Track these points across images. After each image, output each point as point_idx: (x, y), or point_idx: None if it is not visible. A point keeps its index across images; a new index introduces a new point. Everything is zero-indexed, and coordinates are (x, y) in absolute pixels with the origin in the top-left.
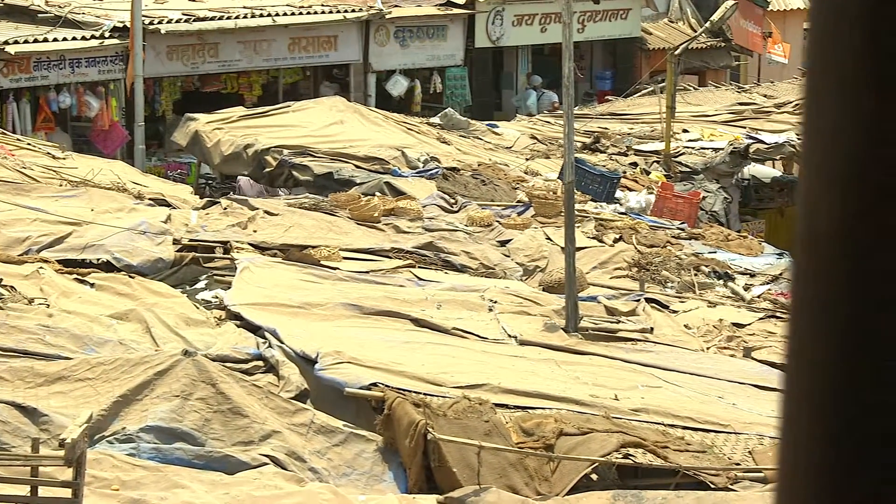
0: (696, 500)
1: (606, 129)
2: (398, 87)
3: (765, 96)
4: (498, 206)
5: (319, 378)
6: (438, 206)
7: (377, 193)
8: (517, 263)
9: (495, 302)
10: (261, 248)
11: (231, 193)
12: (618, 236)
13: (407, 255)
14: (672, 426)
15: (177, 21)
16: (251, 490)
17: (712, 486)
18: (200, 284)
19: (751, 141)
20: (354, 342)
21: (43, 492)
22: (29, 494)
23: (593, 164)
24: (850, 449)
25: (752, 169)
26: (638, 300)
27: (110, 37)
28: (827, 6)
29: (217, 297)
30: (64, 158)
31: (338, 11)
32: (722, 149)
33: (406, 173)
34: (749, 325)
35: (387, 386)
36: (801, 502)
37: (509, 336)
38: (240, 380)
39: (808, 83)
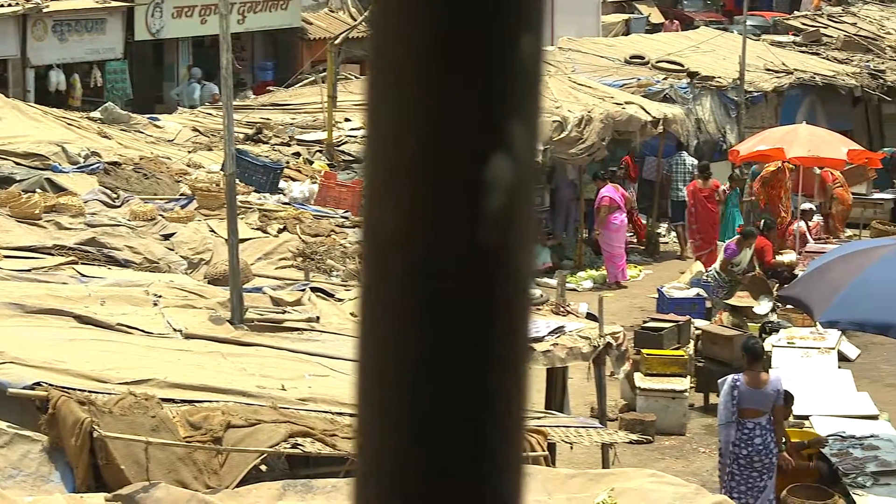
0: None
1: (269, 119)
2: (57, 81)
3: None
4: (161, 199)
5: None
6: (100, 201)
7: (38, 190)
8: (181, 257)
9: (160, 296)
10: None
11: None
12: (282, 226)
13: (69, 252)
14: (340, 414)
15: None
16: None
17: None
18: None
19: None
20: (17, 342)
21: None
22: None
23: (256, 155)
24: (418, 453)
25: None
26: (303, 290)
27: None
28: (390, 5)
29: None
30: None
31: None
32: None
33: (67, 169)
34: None
35: (51, 385)
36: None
37: (174, 330)
38: None
39: (370, 87)
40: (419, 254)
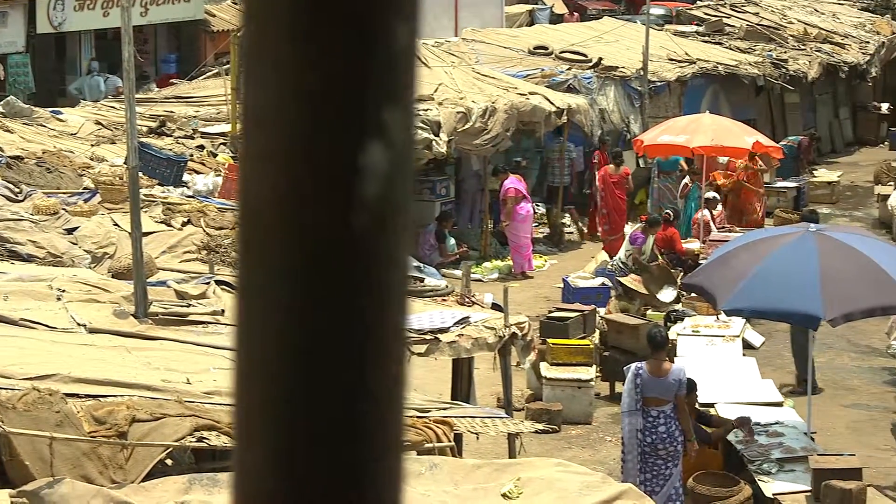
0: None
1: (172, 112)
2: None
3: None
4: (64, 193)
5: None
6: (3, 195)
7: None
8: (85, 251)
9: (63, 291)
10: None
11: None
12: (186, 219)
13: None
14: None
15: None
16: None
17: None
18: None
19: None
20: None
21: None
22: None
23: (160, 149)
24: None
25: None
26: (208, 283)
27: None
28: None
29: None
30: None
31: None
32: None
33: None
34: None
35: None
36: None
37: (78, 325)
38: None
39: (247, 62)
40: (294, 238)
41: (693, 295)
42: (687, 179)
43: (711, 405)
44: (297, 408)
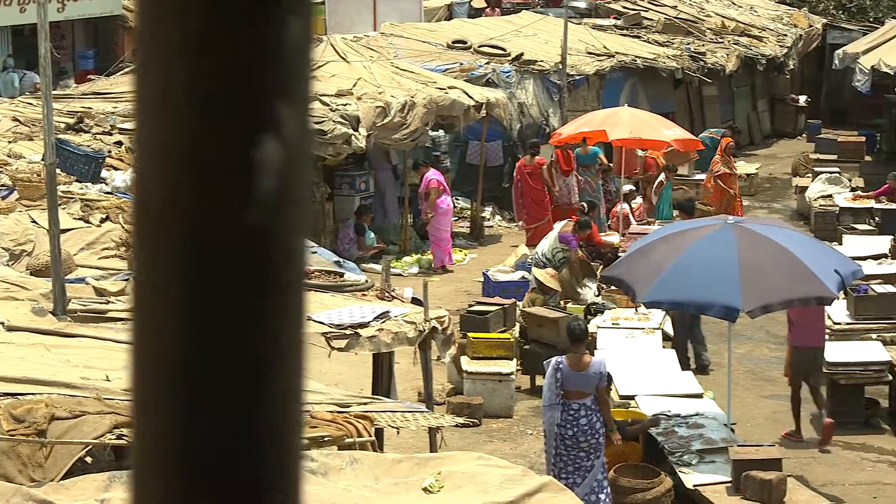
0: None
1: (90, 108)
2: None
3: None
4: None
5: None
6: None
7: None
8: (2, 248)
9: None
10: None
11: None
12: (105, 216)
13: None
14: None
15: None
16: None
17: None
18: None
19: None
20: None
21: None
22: None
23: (77, 145)
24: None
25: None
26: (127, 279)
27: None
28: None
29: None
30: None
31: None
32: None
33: None
34: None
35: None
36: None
37: None
38: None
39: (139, 56)
40: (187, 233)
41: (613, 287)
42: (662, 177)
43: (632, 398)
44: (191, 404)
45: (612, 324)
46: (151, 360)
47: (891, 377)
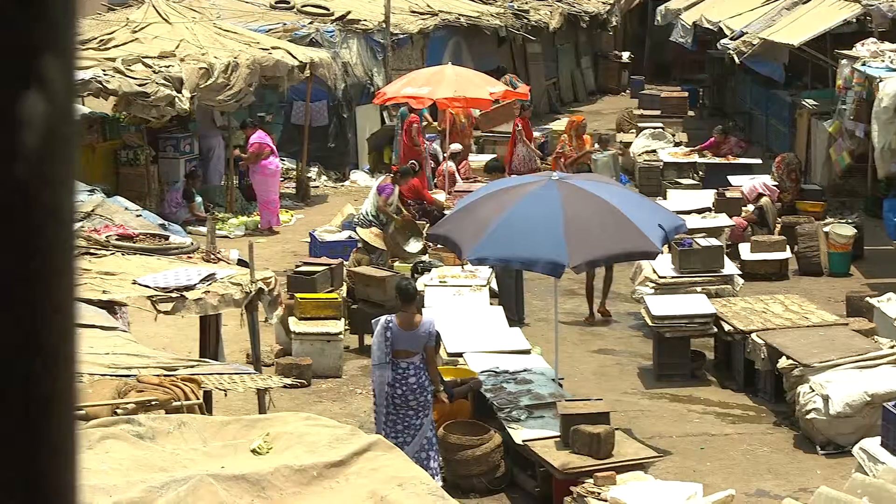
0: None
1: None
2: None
3: None
4: None
5: None
6: None
7: None
8: None
9: None
10: None
11: None
12: None
13: None
14: None
15: None
16: None
17: None
18: None
19: None
20: None
21: None
22: None
23: None
24: None
25: None
26: None
27: None
28: None
29: None
30: None
31: None
32: None
33: None
34: None
35: None
36: None
37: None
38: None
39: None
40: None
41: (439, 245)
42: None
43: (460, 355)
44: None
45: (440, 282)
46: None
47: (716, 329)
